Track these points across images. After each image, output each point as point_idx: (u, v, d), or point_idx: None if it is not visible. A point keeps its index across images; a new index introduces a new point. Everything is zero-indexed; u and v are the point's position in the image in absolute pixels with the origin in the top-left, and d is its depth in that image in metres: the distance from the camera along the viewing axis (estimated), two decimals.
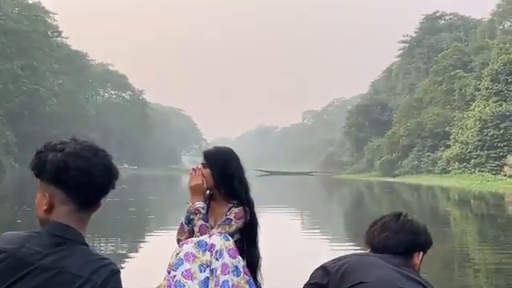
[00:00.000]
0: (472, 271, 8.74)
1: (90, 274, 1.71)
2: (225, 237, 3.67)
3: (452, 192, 37.15)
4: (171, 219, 15.44)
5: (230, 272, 3.53)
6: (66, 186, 1.78)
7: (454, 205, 27.08)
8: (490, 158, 52.10)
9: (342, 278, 2.24)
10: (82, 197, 1.81)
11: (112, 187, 1.86)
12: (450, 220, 18.67)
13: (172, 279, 3.55)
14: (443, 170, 58.62)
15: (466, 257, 10.03)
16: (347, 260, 2.34)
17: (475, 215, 21.08)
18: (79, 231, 1.82)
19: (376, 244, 2.45)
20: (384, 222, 2.46)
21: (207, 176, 3.89)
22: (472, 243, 12.54)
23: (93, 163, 1.79)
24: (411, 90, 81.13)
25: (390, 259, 2.34)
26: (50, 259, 1.72)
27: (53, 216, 1.81)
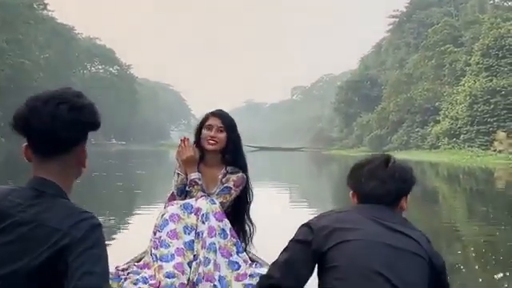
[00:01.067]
0: (460, 246, 8.67)
1: (69, 227, 1.69)
2: (211, 200, 3.67)
3: (441, 167, 37.03)
4: (159, 194, 14.91)
5: (216, 235, 3.54)
6: (22, 135, 1.80)
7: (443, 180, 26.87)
8: (480, 133, 51.91)
9: (327, 237, 2.16)
10: (36, 146, 1.80)
11: (65, 136, 1.78)
12: (439, 195, 18.43)
13: (158, 240, 3.56)
14: (432, 146, 58.50)
15: (455, 232, 9.94)
16: (331, 217, 2.25)
17: (464, 190, 20.91)
18: (61, 186, 1.82)
19: (362, 193, 2.34)
20: (371, 169, 2.33)
21: (223, 141, 3.85)
22: (461, 218, 12.41)
23: (34, 111, 1.75)
24: (401, 65, 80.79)
25: (376, 212, 2.25)
26: (30, 212, 1.72)
27: (33, 169, 1.83)
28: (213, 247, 3.52)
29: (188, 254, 3.54)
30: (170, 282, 3.37)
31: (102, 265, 1.72)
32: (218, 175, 3.91)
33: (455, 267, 6.73)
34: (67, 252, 1.68)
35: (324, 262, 2.16)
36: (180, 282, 3.40)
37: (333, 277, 2.09)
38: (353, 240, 2.12)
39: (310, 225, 2.25)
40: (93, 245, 1.71)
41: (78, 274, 1.66)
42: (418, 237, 2.22)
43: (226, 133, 3.87)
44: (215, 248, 3.52)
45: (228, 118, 3.94)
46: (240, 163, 3.95)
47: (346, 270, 2.08)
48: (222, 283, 3.45)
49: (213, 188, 3.87)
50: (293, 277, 2.21)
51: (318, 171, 38.77)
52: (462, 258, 7.78)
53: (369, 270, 2.06)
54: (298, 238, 2.25)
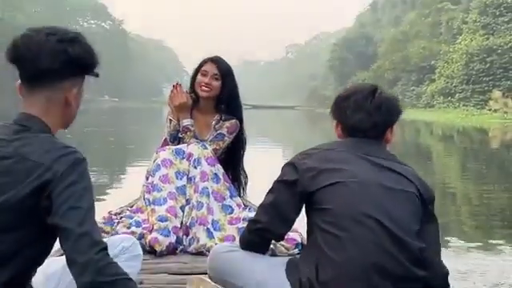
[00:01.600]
0: (453, 204, 8.64)
1: (51, 161, 1.67)
2: (203, 145, 3.68)
3: (435, 127, 36.86)
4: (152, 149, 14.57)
5: (209, 179, 3.57)
6: (12, 63, 1.79)
7: (437, 139, 26.67)
8: (475, 92, 51.79)
9: (314, 178, 2.10)
10: (22, 73, 1.79)
11: (48, 64, 1.75)
12: (433, 155, 18.25)
13: (150, 184, 3.59)
14: (427, 105, 58.39)
15: (448, 190, 9.82)
16: (318, 157, 2.17)
17: (458, 150, 20.75)
18: (46, 122, 1.79)
19: (349, 125, 2.25)
20: (357, 101, 2.23)
21: (217, 89, 3.79)
22: (454, 177, 12.30)
23: (26, 39, 1.76)
24: (397, 23, 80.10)
25: (364, 148, 2.18)
26: (12, 146, 1.70)
27: (22, 105, 1.82)
28: (205, 191, 3.54)
29: (180, 199, 3.56)
30: (162, 226, 3.37)
31: (86, 199, 1.69)
32: (212, 122, 3.86)
33: (448, 226, 6.65)
34: (50, 187, 1.66)
35: (312, 202, 2.12)
36: (173, 225, 3.41)
37: (322, 219, 2.06)
38: (342, 182, 2.07)
39: (295, 164, 2.17)
40: (77, 179, 1.68)
41: (63, 209, 1.64)
42: (407, 172, 2.17)
43: (222, 81, 3.79)
44: (208, 192, 3.54)
45: (225, 65, 3.84)
46: (235, 112, 3.90)
47: (336, 213, 2.03)
48: (215, 226, 3.46)
49: (206, 134, 3.83)
50: (280, 219, 2.20)
51: (312, 129, 38.55)
52: (454, 216, 7.75)
53: (359, 213, 2.02)
54: (283, 178, 2.19)
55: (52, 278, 2.04)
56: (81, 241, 1.63)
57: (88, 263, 1.61)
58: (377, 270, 1.98)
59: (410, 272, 2.02)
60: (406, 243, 2.02)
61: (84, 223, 1.65)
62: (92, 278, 1.60)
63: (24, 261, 1.72)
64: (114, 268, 1.65)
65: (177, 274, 3.03)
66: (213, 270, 2.41)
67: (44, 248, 1.79)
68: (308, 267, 2.06)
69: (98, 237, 1.67)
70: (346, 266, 1.97)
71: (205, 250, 3.27)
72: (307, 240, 2.22)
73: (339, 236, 2.00)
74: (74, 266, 1.63)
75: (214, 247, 2.65)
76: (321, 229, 2.05)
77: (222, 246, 2.59)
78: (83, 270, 1.61)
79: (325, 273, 2.00)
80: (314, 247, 2.08)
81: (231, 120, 3.87)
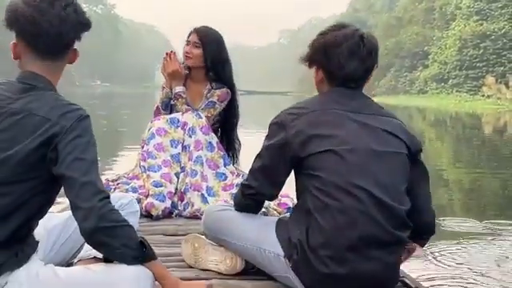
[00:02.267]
0: (445, 190, 8.57)
1: (58, 117, 1.74)
2: (197, 114, 3.72)
3: (428, 112, 36.81)
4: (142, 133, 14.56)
5: (203, 148, 3.63)
6: (20, 34, 1.82)
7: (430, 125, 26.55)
8: (469, 78, 51.80)
9: (304, 144, 2.07)
10: (38, 46, 1.82)
11: (70, 37, 1.84)
12: (425, 141, 18.12)
13: (145, 152, 3.66)
14: (421, 91, 58.42)
15: (440, 177, 9.68)
16: (307, 119, 2.10)
17: (451, 136, 20.65)
18: (51, 81, 1.86)
19: (341, 74, 2.15)
20: (350, 47, 2.13)
21: (197, 56, 3.81)
22: (446, 163, 12.17)
23: (42, 13, 1.77)
24: (390, 8, 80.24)
25: (353, 103, 2.14)
26: (19, 103, 1.77)
27: (23, 65, 1.85)
28: (199, 160, 3.61)
29: (175, 166, 3.64)
30: (158, 191, 3.45)
31: (90, 151, 1.78)
32: (203, 90, 3.89)
33: (441, 211, 6.57)
34: (57, 140, 1.73)
35: (302, 167, 2.10)
36: (168, 191, 3.49)
37: (313, 184, 2.06)
38: (332, 150, 2.04)
39: (284, 125, 2.13)
40: (81, 133, 1.77)
41: (69, 160, 1.72)
42: (396, 128, 2.16)
43: (203, 48, 3.81)
44: (202, 161, 3.62)
45: (206, 32, 3.87)
46: (224, 79, 3.89)
47: (326, 181, 2.03)
48: (209, 192, 3.54)
49: (198, 103, 3.86)
50: (270, 183, 2.22)
51: None
52: (446, 201, 7.66)
53: (349, 183, 2.02)
54: (272, 141, 2.16)
55: (52, 231, 2.11)
56: (85, 189, 1.72)
57: (91, 209, 1.70)
58: (363, 239, 2.01)
59: (396, 236, 2.06)
60: (393, 209, 2.04)
61: (88, 173, 1.74)
62: (95, 223, 1.69)
63: (29, 211, 1.79)
64: (115, 215, 1.74)
65: (172, 235, 3.11)
66: (207, 227, 2.47)
67: (48, 198, 1.85)
68: (299, 229, 2.09)
69: (101, 186, 1.76)
70: (334, 234, 2.00)
71: (199, 214, 3.28)
72: (297, 200, 2.22)
73: (328, 204, 2.01)
74: (78, 212, 1.72)
75: (209, 206, 2.76)
76: (311, 194, 2.06)
77: (217, 205, 2.65)
78: (87, 216, 1.70)
79: (314, 238, 2.03)
80: (304, 210, 2.09)
81: (222, 88, 3.86)
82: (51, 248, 2.09)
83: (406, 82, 62.63)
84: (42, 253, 2.01)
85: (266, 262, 2.25)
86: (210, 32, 3.89)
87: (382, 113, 2.20)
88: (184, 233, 2.98)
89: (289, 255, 2.12)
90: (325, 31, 2.23)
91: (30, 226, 1.84)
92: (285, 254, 2.15)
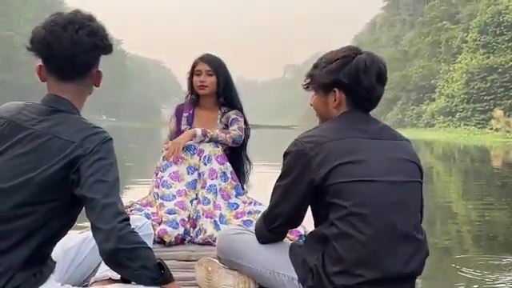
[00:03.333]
0: (454, 225, 8.32)
1: (81, 139, 1.78)
2: (213, 144, 3.76)
3: (436, 146, 36.48)
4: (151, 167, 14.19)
5: (217, 177, 3.67)
6: (40, 57, 1.85)
7: (438, 159, 26.15)
8: (476, 111, 51.73)
9: (328, 173, 2.00)
10: (54, 68, 1.87)
11: (83, 59, 1.86)
12: (433, 174, 17.77)
13: (160, 179, 3.69)
14: (428, 124, 58.40)
15: (449, 211, 9.43)
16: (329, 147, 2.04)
17: (459, 169, 19.96)
18: (74, 104, 1.90)
19: (369, 99, 2.13)
20: (377, 71, 2.10)
21: (213, 84, 3.86)
22: (455, 198, 11.72)
23: (55, 35, 1.81)
24: (396, 42, 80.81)
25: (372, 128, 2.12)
26: (44, 125, 1.80)
27: (48, 88, 1.90)
28: (213, 188, 3.64)
29: (190, 193, 3.66)
30: (171, 218, 3.47)
31: (112, 173, 1.80)
32: (216, 116, 3.95)
33: (450, 248, 6.33)
34: (80, 162, 1.75)
35: (324, 195, 2.05)
36: (181, 218, 3.50)
37: (335, 213, 2.01)
38: (357, 181, 2.00)
39: (303, 155, 2.06)
40: (104, 155, 1.79)
41: (91, 182, 1.74)
42: (412, 153, 2.16)
43: (215, 75, 3.87)
44: (216, 189, 3.65)
45: (215, 60, 3.94)
46: (234, 103, 3.96)
47: (350, 212, 1.98)
48: (221, 220, 3.55)
49: (210, 129, 3.85)
50: (294, 215, 2.19)
51: None
52: (456, 238, 7.40)
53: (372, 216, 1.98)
54: (291, 172, 2.10)
55: (69, 252, 2.12)
56: (106, 210, 1.73)
57: (111, 231, 1.71)
58: (382, 273, 1.98)
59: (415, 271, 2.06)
60: (416, 241, 2.05)
61: (109, 195, 1.75)
62: (115, 244, 1.70)
63: (49, 232, 1.79)
64: (135, 237, 1.75)
65: (185, 261, 3.12)
66: (221, 250, 2.46)
67: (68, 220, 1.85)
68: (315, 254, 2.07)
69: (121, 208, 1.76)
70: (353, 265, 1.98)
71: (212, 240, 3.33)
72: (314, 227, 2.16)
73: (350, 235, 1.98)
74: (99, 233, 1.73)
75: (224, 229, 2.76)
76: (331, 222, 2.03)
77: (231, 228, 2.60)
78: (107, 237, 1.71)
79: (331, 265, 2.01)
80: (321, 237, 2.07)
81: (232, 111, 3.92)
82: (67, 269, 2.12)
83: (413, 115, 62.73)
84: (59, 274, 2.02)
85: (279, 286, 2.24)
86: (216, 59, 3.96)
87: (397, 137, 2.18)
88: (196, 258, 2.92)
89: (303, 279, 2.11)
90: (345, 54, 2.16)
91: (50, 247, 1.86)
92: (299, 278, 2.13)
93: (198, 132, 3.76)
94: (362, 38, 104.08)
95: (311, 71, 2.29)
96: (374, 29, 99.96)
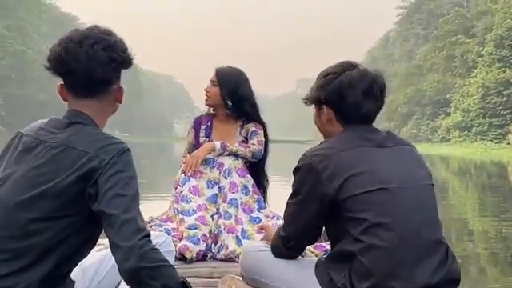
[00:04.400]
0: (470, 241, 8.36)
1: (96, 150, 1.74)
2: (233, 157, 3.68)
3: (452, 161, 36.00)
4: (163, 183, 14.17)
5: (238, 190, 3.59)
6: (58, 75, 1.87)
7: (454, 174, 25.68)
8: (493, 126, 51.31)
9: (340, 186, 1.98)
10: (71, 84, 1.87)
11: (100, 74, 1.84)
12: (449, 190, 17.35)
13: (179, 194, 3.60)
14: (443, 139, 58.03)
15: (465, 227, 9.50)
16: (337, 159, 2.03)
17: (476, 185, 19.79)
18: (95, 120, 1.88)
19: (358, 114, 2.14)
20: (365, 88, 2.12)
21: (214, 95, 3.79)
22: (471, 213, 11.69)
23: (70, 52, 1.81)
24: (410, 57, 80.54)
25: (374, 138, 2.12)
26: (60, 137, 1.79)
27: (69, 105, 1.89)
28: (234, 202, 3.55)
29: (211, 208, 3.57)
30: (192, 234, 3.38)
31: (131, 187, 1.74)
32: (234, 128, 3.87)
33: (466, 263, 6.30)
34: (97, 175, 1.71)
35: (339, 210, 2.00)
36: (202, 233, 3.42)
37: (355, 227, 1.96)
38: (373, 190, 1.97)
39: (314, 169, 2.03)
40: (122, 168, 1.74)
41: (109, 196, 1.69)
42: (420, 158, 2.18)
43: (220, 87, 3.77)
44: (237, 203, 3.56)
45: (224, 71, 3.83)
46: (248, 115, 3.85)
47: (372, 223, 1.94)
48: (243, 235, 3.47)
49: (229, 141, 3.78)
50: (310, 232, 2.16)
51: None
52: (472, 254, 7.36)
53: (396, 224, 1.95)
54: (302, 188, 2.07)
55: (88, 270, 2.03)
56: (125, 227, 1.67)
57: (132, 248, 1.64)
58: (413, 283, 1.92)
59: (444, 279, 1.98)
60: (441, 245, 2.01)
61: (129, 210, 1.69)
62: (135, 262, 1.64)
63: (67, 250, 1.75)
64: (157, 254, 1.69)
65: (207, 278, 3.05)
66: (244, 268, 2.41)
67: (87, 237, 1.81)
68: (342, 272, 2.00)
69: (141, 224, 1.70)
70: (383, 278, 1.92)
71: (234, 256, 3.28)
72: (333, 243, 2.12)
73: (376, 246, 1.93)
74: (118, 252, 1.66)
75: (247, 246, 2.67)
76: (353, 237, 1.96)
77: (255, 245, 2.50)
78: (127, 256, 1.64)
79: (360, 282, 1.94)
80: (344, 254, 2.00)
81: (251, 123, 3.85)
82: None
83: (428, 130, 62.38)
84: None
85: None
86: (228, 70, 3.85)
87: (402, 142, 2.19)
88: (219, 275, 2.92)
89: None
90: (334, 71, 2.17)
91: (69, 265, 1.81)
92: None
93: (217, 145, 3.69)
94: (375, 52, 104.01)
95: (312, 85, 2.28)
96: (387, 44, 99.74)
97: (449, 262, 2.01)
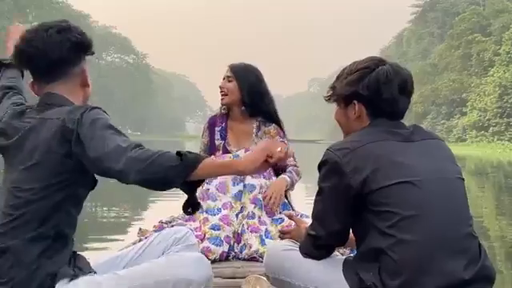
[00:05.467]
0: (487, 243, 7.89)
1: (66, 114, 1.86)
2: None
3: (468, 161, 35.20)
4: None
5: (263, 192, 3.54)
6: (25, 69, 2.16)
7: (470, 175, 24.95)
8: (511, 125, 50.88)
9: (366, 179, 1.95)
10: (37, 73, 2.01)
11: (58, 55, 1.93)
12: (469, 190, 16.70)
13: (205, 192, 3.57)
14: (459, 139, 57.48)
15: (481, 229, 9.10)
16: (362, 152, 1.99)
17: (493, 186, 19.15)
18: (68, 98, 1.98)
19: (392, 111, 2.11)
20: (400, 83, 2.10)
21: (232, 90, 3.66)
22: (488, 215, 11.24)
23: (28, 42, 1.93)
24: (424, 55, 79.91)
25: (403, 132, 2.07)
26: (37, 118, 1.92)
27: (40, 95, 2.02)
28: (259, 203, 3.51)
29: (236, 206, 3.53)
30: (214, 234, 3.35)
31: (107, 129, 1.83)
32: (250, 129, 3.78)
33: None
34: (73, 135, 1.81)
35: (365, 204, 1.98)
36: (225, 235, 3.37)
37: (382, 221, 1.93)
38: (400, 182, 1.94)
39: (338, 164, 2.00)
40: (94, 119, 1.83)
41: (92, 145, 1.80)
42: (449, 152, 2.14)
43: (236, 81, 3.65)
44: (261, 204, 3.51)
45: (239, 65, 3.72)
46: (266, 112, 3.75)
47: (401, 217, 1.90)
48: (267, 235, 3.41)
49: (245, 143, 3.75)
50: (339, 229, 2.12)
51: None
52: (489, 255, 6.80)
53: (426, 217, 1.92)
54: (328, 184, 2.05)
55: (101, 268, 2.08)
56: (112, 156, 1.78)
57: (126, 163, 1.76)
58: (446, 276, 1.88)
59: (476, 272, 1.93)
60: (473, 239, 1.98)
61: (109, 143, 1.79)
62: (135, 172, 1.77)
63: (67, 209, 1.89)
64: (146, 152, 1.78)
65: (230, 278, 3.02)
66: (269, 267, 2.39)
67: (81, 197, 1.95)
68: (370, 271, 1.96)
69: (123, 143, 1.80)
70: (415, 272, 1.88)
71: (257, 256, 3.24)
72: (360, 240, 2.07)
73: (406, 240, 1.89)
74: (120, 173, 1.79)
75: (272, 244, 2.69)
76: (381, 231, 1.93)
77: (280, 244, 2.47)
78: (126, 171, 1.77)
79: (390, 279, 1.90)
80: (372, 250, 1.97)
81: (269, 126, 3.77)
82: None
83: (444, 129, 61.67)
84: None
85: None
86: (243, 65, 3.75)
87: (430, 136, 2.15)
88: (242, 275, 2.91)
89: None
90: (365, 65, 2.13)
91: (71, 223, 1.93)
92: None
93: (288, 181, 3.66)
94: (389, 51, 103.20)
95: (333, 83, 2.23)
96: (400, 42, 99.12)
97: (482, 257, 1.95)
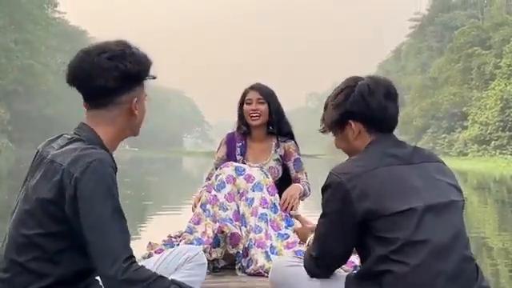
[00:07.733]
0: (489, 259, 8.04)
1: (68, 163, 1.77)
2: (264, 173, 3.79)
3: (470, 176, 34.60)
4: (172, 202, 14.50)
5: (268, 207, 3.66)
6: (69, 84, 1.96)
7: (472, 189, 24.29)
8: None
9: (370, 206, 1.98)
10: (83, 95, 1.93)
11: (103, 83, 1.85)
12: (467, 206, 16.04)
13: (214, 198, 3.66)
14: (460, 153, 56.86)
15: (484, 245, 9.13)
16: (366, 178, 2.02)
17: (495, 201, 18.95)
18: (99, 131, 1.90)
19: (384, 118, 2.17)
20: (383, 91, 2.16)
21: (265, 112, 3.89)
22: (491, 231, 11.29)
23: (79, 61, 1.88)
24: (423, 69, 79.49)
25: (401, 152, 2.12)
26: (52, 154, 1.84)
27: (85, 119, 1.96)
28: (264, 217, 3.58)
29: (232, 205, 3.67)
30: (224, 215, 3.53)
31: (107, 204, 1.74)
32: (269, 146, 3.97)
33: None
34: (70, 191, 1.72)
35: (369, 229, 2.00)
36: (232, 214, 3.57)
37: (385, 247, 1.96)
38: (404, 211, 1.97)
39: (343, 188, 2.03)
40: (93, 186, 1.72)
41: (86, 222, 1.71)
42: (449, 174, 2.17)
43: (267, 103, 3.89)
44: (266, 219, 3.58)
45: (266, 88, 3.94)
46: (286, 131, 4.01)
47: (405, 243, 1.94)
48: (272, 251, 3.46)
49: (263, 159, 3.93)
50: (341, 252, 2.15)
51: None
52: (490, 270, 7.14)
53: (431, 244, 1.95)
54: (332, 208, 2.08)
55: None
56: (104, 257, 1.69)
57: (115, 277, 1.67)
58: None
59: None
60: (473, 263, 2.04)
61: (105, 236, 1.70)
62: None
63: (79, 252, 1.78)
64: (141, 273, 1.69)
65: None
66: (274, 283, 2.41)
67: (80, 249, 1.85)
68: None
69: (119, 248, 1.70)
70: None
71: (263, 271, 3.29)
72: (362, 262, 2.11)
73: (409, 265, 1.93)
74: (104, 279, 1.71)
75: (277, 260, 2.77)
76: (383, 256, 1.97)
77: (285, 260, 2.50)
78: (112, 284, 1.69)
79: None
80: (373, 272, 2.00)
81: (289, 142, 4.00)
82: None
83: (445, 143, 61.22)
84: None
85: None
86: (267, 87, 3.96)
87: (430, 158, 2.17)
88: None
89: None
90: (345, 86, 2.20)
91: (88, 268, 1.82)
92: None
93: (301, 189, 3.85)
94: (387, 65, 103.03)
95: (322, 115, 2.27)
96: (399, 56, 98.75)
97: (479, 280, 2.00)
